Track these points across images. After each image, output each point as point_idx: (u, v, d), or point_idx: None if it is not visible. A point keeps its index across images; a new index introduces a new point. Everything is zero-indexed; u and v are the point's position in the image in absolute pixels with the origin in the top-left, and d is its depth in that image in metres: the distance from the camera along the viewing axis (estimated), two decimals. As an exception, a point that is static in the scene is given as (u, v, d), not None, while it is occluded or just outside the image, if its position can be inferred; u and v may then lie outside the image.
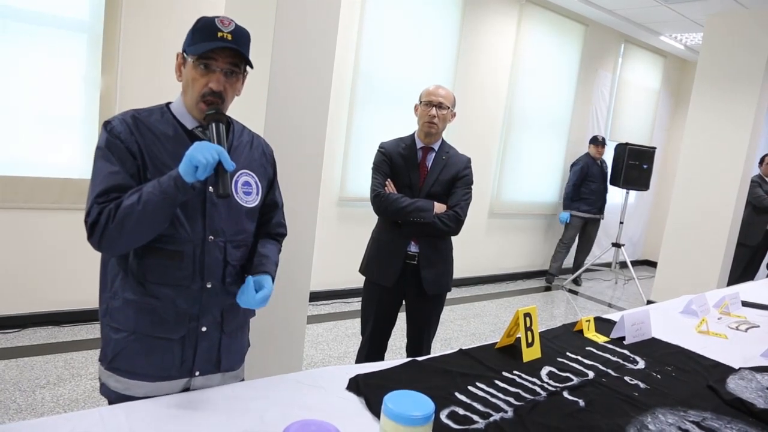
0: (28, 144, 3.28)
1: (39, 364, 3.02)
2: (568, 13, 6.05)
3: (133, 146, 1.28)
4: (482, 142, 5.63)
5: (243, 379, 1.54)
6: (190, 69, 1.32)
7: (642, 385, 1.60)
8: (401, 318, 2.57)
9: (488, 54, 5.48)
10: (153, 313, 1.31)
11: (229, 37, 1.30)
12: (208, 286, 1.35)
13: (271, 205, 1.55)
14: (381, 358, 2.54)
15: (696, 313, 2.42)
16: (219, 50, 1.30)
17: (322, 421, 1.06)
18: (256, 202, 1.45)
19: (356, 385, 1.39)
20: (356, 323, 4.11)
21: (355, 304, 4.59)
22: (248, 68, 1.38)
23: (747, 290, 3.03)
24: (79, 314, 3.58)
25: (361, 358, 2.57)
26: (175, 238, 1.30)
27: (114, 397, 1.34)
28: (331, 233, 4.62)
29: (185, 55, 1.34)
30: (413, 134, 2.48)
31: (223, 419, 1.19)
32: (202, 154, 1.17)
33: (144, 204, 1.19)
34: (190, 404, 1.24)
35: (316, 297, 4.55)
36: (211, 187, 1.33)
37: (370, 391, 1.36)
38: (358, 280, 2.60)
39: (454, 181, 2.41)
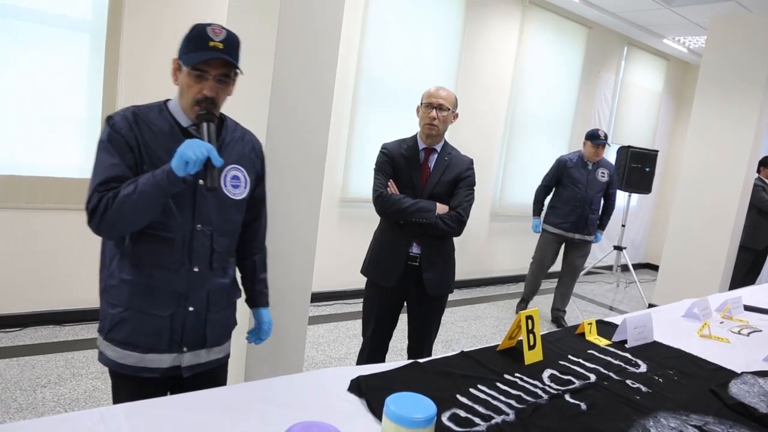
0: (30, 144, 3.29)
1: (40, 363, 3.02)
2: (571, 15, 6.05)
3: (132, 140, 1.40)
4: (485, 144, 5.63)
5: (228, 354, 1.67)
6: (185, 76, 1.43)
7: (644, 389, 1.60)
8: (402, 319, 2.57)
9: (491, 56, 5.48)
10: (146, 291, 1.45)
11: (220, 45, 1.40)
12: (196, 270, 1.49)
13: (258, 199, 1.68)
14: (382, 359, 2.54)
15: (698, 316, 2.41)
16: (211, 60, 1.40)
17: (323, 423, 1.05)
18: (244, 195, 1.57)
19: (358, 387, 1.38)
20: (357, 324, 4.11)
21: (357, 305, 4.58)
22: (239, 72, 1.48)
23: (749, 294, 3.02)
24: (80, 314, 3.58)
25: (363, 359, 2.57)
26: (167, 225, 1.43)
27: (111, 365, 1.49)
28: (333, 234, 4.62)
29: (180, 62, 1.44)
30: (416, 135, 2.48)
31: (224, 420, 1.18)
32: (193, 151, 1.30)
33: (139, 194, 1.32)
34: (190, 405, 1.23)
35: (317, 298, 4.54)
36: (201, 181, 1.42)
37: (371, 392, 1.35)
38: (360, 281, 2.60)
39: (456, 182, 2.41)
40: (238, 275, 1.73)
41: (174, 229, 1.44)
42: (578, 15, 6.09)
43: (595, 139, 4.40)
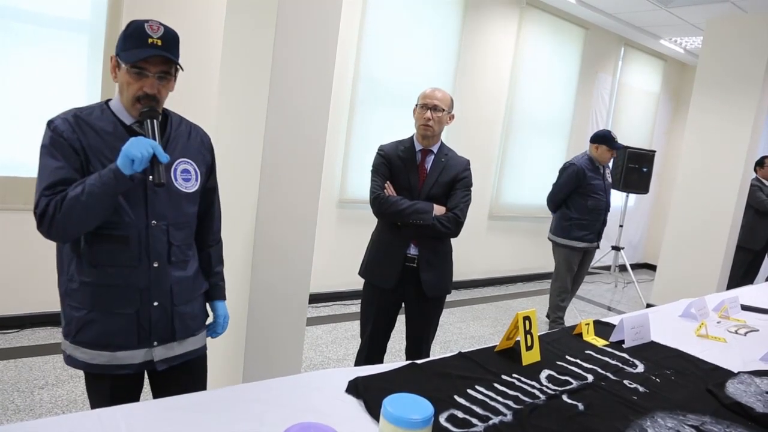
0: (28, 145, 3.28)
1: (38, 364, 3.02)
2: (569, 16, 6.06)
3: (76, 143, 1.39)
4: (482, 145, 5.64)
5: (204, 346, 1.68)
6: (124, 73, 1.42)
7: (641, 389, 1.60)
8: (401, 320, 2.57)
9: (488, 57, 5.49)
10: (107, 291, 1.46)
11: (159, 42, 1.40)
12: (155, 265, 1.49)
13: (210, 190, 1.69)
14: (380, 360, 2.54)
15: (695, 316, 2.42)
16: (151, 58, 1.39)
17: (321, 424, 1.06)
18: (196, 188, 1.58)
19: (355, 388, 1.39)
20: (356, 325, 4.11)
21: (355, 306, 4.59)
22: (179, 68, 1.48)
23: (746, 294, 3.03)
24: (78, 315, 3.57)
25: (361, 360, 2.56)
26: (120, 224, 1.44)
27: (83, 367, 1.48)
28: (331, 235, 4.62)
29: (119, 59, 1.42)
30: (412, 137, 2.48)
31: (222, 421, 1.18)
32: (137, 149, 1.30)
33: (87, 195, 1.32)
34: (188, 406, 1.23)
35: (315, 299, 4.54)
36: (150, 177, 1.42)
37: (369, 393, 1.35)
38: (358, 282, 2.60)
39: (453, 183, 2.41)
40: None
41: (128, 226, 1.44)
42: (575, 16, 6.11)
43: (613, 142, 4.03)
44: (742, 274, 5.56)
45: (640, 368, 1.77)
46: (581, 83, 6.46)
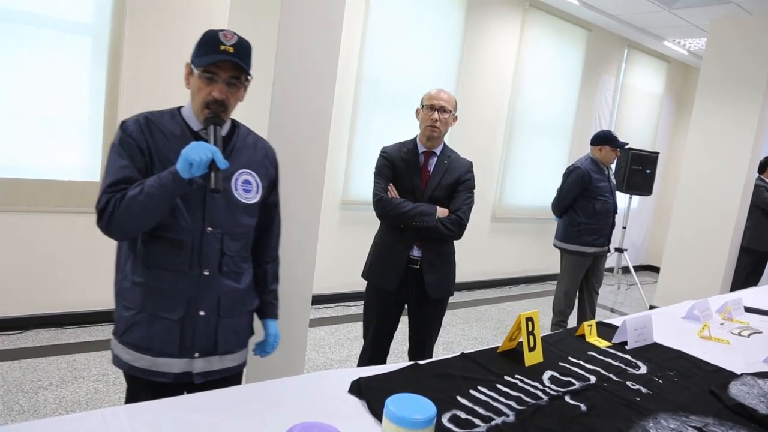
0: (32, 147, 3.30)
1: (42, 365, 3.03)
2: (572, 17, 6.06)
3: (143, 144, 1.43)
4: (485, 147, 5.64)
5: (243, 363, 1.66)
6: (196, 79, 1.46)
7: (644, 390, 1.60)
8: (403, 322, 2.57)
9: (491, 58, 5.50)
10: (157, 294, 1.46)
11: (231, 50, 1.43)
12: (206, 273, 1.48)
13: (271, 205, 1.68)
14: (383, 361, 2.54)
15: (698, 318, 2.42)
16: (221, 63, 1.43)
17: (324, 424, 1.06)
18: (256, 200, 1.58)
19: (358, 388, 1.39)
20: (358, 327, 4.11)
21: (357, 307, 4.59)
22: (249, 77, 1.51)
23: (750, 296, 3.02)
24: (82, 316, 3.58)
25: (364, 362, 2.57)
26: (176, 227, 1.45)
27: (125, 368, 1.50)
28: (334, 237, 4.62)
29: (192, 66, 1.47)
30: (415, 138, 2.48)
31: (225, 421, 1.19)
32: (196, 153, 1.31)
33: (145, 195, 1.34)
34: (191, 406, 1.24)
35: (318, 300, 4.55)
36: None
37: (372, 394, 1.36)
38: (360, 284, 2.60)
39: (456, 185, 2.41)
40: None
41: (183, 231, 1.45)
42: (578, 17, 6.11)
43: (615, 141, 3.92)
44: (746, 276, 5.53)
45: (643, 369, 1.77)
46: (584, 85, 6.46)
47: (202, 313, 1.49)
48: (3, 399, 2.65)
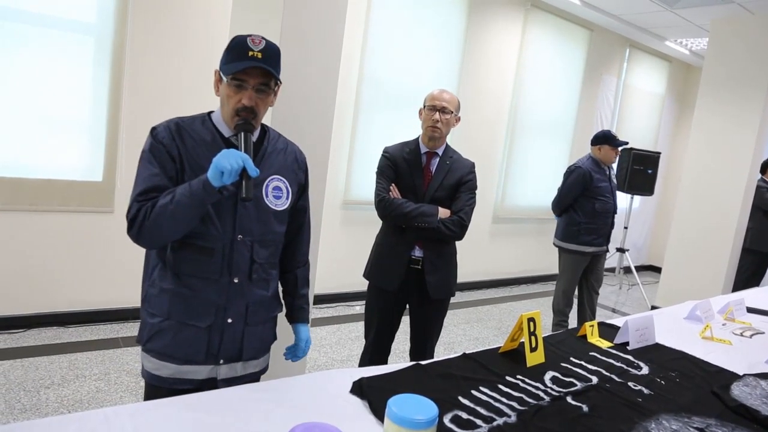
0: (34, 146, 3.30)
1: (44, 364, 3.04)
2: (573, 17, 6.06)
3: (174, 150, 1.42)
4: (486, 147, 5.64)
5: (267, 367, 1.66)
6: (225, 86, 1.43)
7: (646, 391, 1.60)
8: (405, 321, 2.57)
9: (493, 58, 5.49)
10: (185, 301, 1.45)
11: (259, 55, 1.40)
12: (236, 281, 1.47)
13: (301, 210, 1.67)
14: (384, 361, 2.54)
15: (700, 318, 2.41)
16: (250, 69, 1.40)
17: (325, 424, 1.06)
18: (286, 206, 1.56)
19: (360, 388, 1.39)
20: (360, 327, 4.11)
21: (359, 307, 4.59)
22: (279, 82, 1.48)
23: (752, 296, 3.01)
24: (84, 315, 3.59)
25: (365, 361, 2.57)
26: (207, 235, 1.43)
27: (146, 377, 1.48)
28: (336, 237, 4.62)
29: (221, 73, 1.45)
30: (417, 138, 2.48)
31: (227, 421, 1.19)
32: (228, 161, 1.28)
33: (176, 204, 1.33)
34: (193, 406, 1.24)
35: (320, 300, 4.55)
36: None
37: (373, 394, 1.36)
38: (362, 284, 2.60)
39: (458, 185, 2.41)
40: (281, 289, 1.70)
41: (214, 238, 1.44)
42: (580, 17, 6.10)
43: (615, 140, 3.93)
44: (748, 276, 5.52)
45: (645, 370, 1.77)
46: (586, 85, 6.45)
47: (230, 320, 1.48)
48: (5, 398, 2.66)
